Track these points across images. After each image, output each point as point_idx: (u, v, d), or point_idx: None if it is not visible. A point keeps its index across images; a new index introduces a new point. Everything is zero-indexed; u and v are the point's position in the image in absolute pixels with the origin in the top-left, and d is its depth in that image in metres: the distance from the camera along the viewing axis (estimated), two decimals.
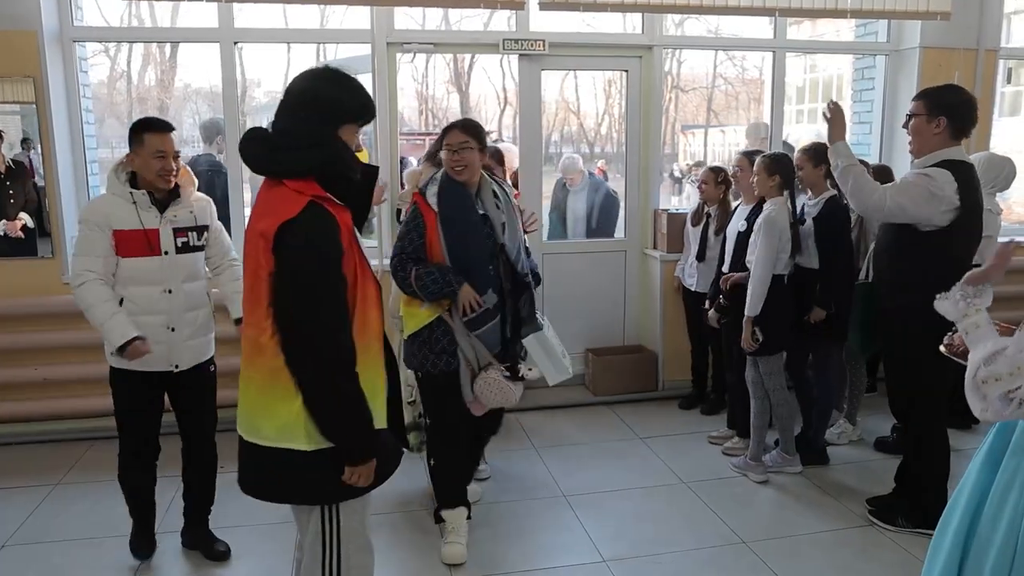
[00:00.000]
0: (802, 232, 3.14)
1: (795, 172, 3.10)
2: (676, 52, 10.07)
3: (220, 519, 2.67)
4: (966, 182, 2.50)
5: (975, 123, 2.59)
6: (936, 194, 2.47)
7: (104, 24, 5.17)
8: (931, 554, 1.58)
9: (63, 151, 3.64)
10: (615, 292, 4.39)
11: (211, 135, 4.20)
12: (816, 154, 3.18)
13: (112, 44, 10.81)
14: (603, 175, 11.21)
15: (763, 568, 2.53)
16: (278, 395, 1.53)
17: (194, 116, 11.17)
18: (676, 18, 5.65)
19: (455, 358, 2.48)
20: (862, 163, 3.34)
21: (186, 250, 2.39)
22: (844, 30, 5.18)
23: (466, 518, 2.67)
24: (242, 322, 1.67)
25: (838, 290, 3.12)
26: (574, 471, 3.29)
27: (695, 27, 6.31)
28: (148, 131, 2.31)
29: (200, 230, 2.45)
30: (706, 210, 3.80)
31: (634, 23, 4.32)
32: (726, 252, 3.37)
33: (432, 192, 2.45)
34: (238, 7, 3.73)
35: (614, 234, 4.70)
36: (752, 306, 3.04)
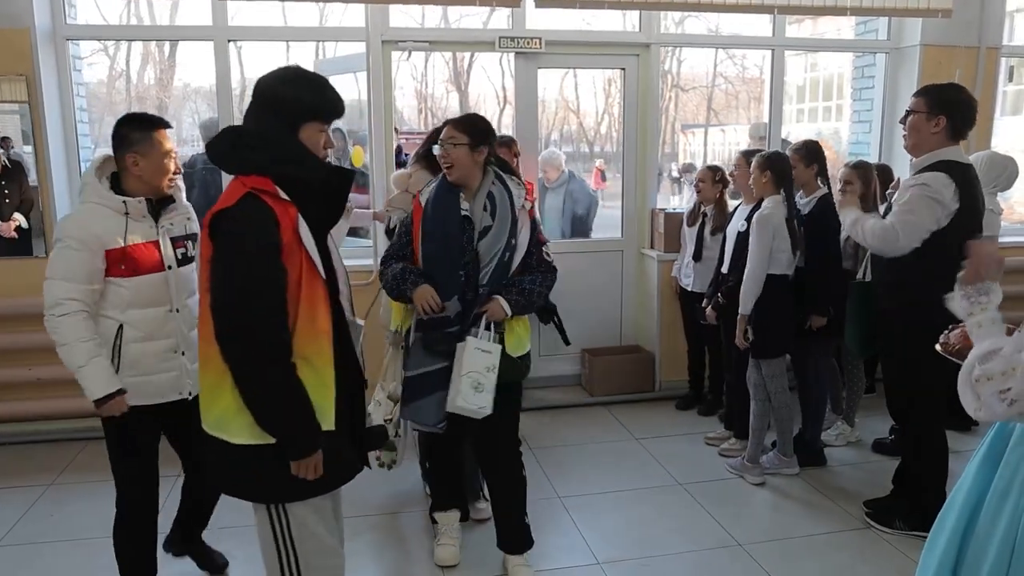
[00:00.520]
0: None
1: (789, 168, 3.08)
2: (676, 51, 10.05)
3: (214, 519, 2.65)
4: (964, 183, 2.48)
5: (974, 124, 2.56)
6: (937, 201, 2.45)
7: (103, 22, 5.14)
8: (925, 554, 1.56)
9: (56, 150, 3.63)
10: (612, 292, 4.36)
11: (211, 134, 4.16)
12: (808, 153, 3.16)
13: (111, 43, 10.82)
14: (601, 175, 11.18)
15: (758, 571, 2.51)
16: (213, 382, 1.55)
17: (193, 115, 11.17)
18: (676, 17, 5.61)
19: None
20: (862, 164, 3.35)
21: (185, 262, 2.13)
22: (845, 28, 5.14)
23: (459, 520, 2.63)
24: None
25: (835, 291, 3.10)
26: (569, 472, 3.27)
27: (695, 26, 6.29)
28: (158, 128, 2.06)
29: (194, 238, 2.19)
30: (702, 210, 3.78)
31: (634, 21, 4.30)
32: (726, 252, 3.35)
33: (427, 190, 2.37)
34: (235, 5, 3.71)
35: (590, 235, 4.63)
36: (744, 304, 3.03)
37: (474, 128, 2.29)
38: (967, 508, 1.46)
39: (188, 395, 2.12)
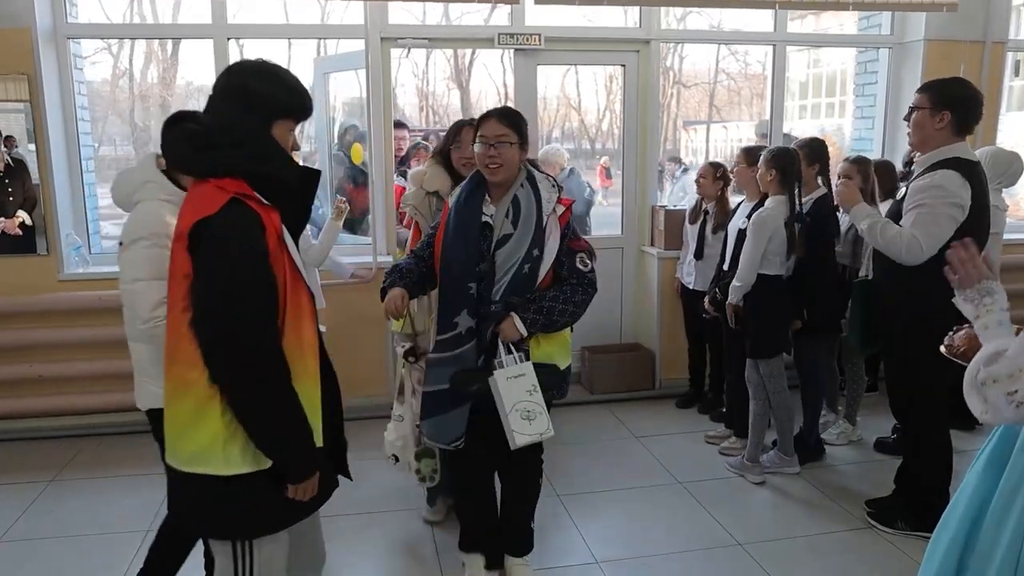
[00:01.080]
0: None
1: (798, 166, 3.05)
2: (678, 47, 10.01)
3: None
4: (974, 181, 2.45)
5: (979, 120, 2.52)
6: (956, 206, 2.40)
7: (106, 21, 5.16)
8: (928, 556, 1.54)
9: (57, 149, 3.64)
10: (612, 290, 4.35)
11: None
12: (811, 152, 3.14)
13: (114, 42, 10.84)
14: (606, 172, 11.14)
15: (758, 571, 2.49)
16: (192, 411, 1.41)
17: None
18: (678, 13, 5.58)
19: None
20: (862, 159, 3.32)
21: None
22: (848, 24, 5.11)
23: (484, 567, 2.40)
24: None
25: (830, 291, 3.08)
26: (569, 470, 3.26)
27: (698, 22, 6.26)
28: None
29: None
30: (704, 207, 3.75)
31: (635, 17, 4.28)
32: (727, 250, 3.33)
33: (456, 191, 2.19)
34: (236, 3, 3.71)
35: (589, 233, 4.60)
36: (732, 296, 3.08)
37: (521, 124, 2.10)
38: (971, 511, 1.44)
39: None
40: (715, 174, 3.68)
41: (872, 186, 3.25)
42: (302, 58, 7.87)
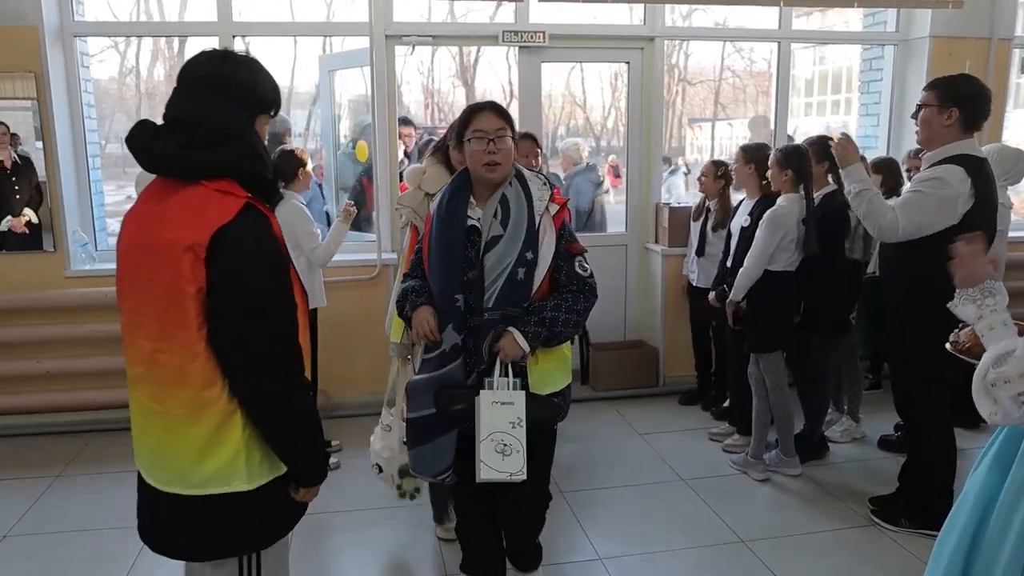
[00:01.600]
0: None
1: (810, 164, 3.04)
2: (683, 45, 9.98)
3: None
4: (979, 177, 2.44)
5: (988, 116, 2.51)
6: (948, 197, 2.40)
7: (113, 19, 5.17)
8: (933, 559, 1.53)
9: (64, 146, 3.66)
10: (616, 286, 4.35)
11: None
12: (820, 150, 3.13)
13: (121, 40, 10.88)
14: (613, 171, 11.08)
15: (760, 568, 2.50)
16: (210, 432, 1.34)
17: None
18: (684, 10, 5.56)
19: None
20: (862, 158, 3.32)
21: None
22: (853, 21, 5.08)
23: None
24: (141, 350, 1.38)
25: (838, 288, 3.08)
26: (572, 467, 3.27)
27: (703, 20, 6.23)
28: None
29: None
30: (707, 204, 3.76)
31: (640, 15, 4.27)
32: (731, 247, 3.33)
33: (439, 195, 1.99)
34: (242, 1, 3.72)
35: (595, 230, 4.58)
36: (735, 292, 3.08)
37: (510, 116, 1.91)
38: (977, 510, 1.43)
39: None
40: (717, 172, 3.68)
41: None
42: (308, 55, 7.88)
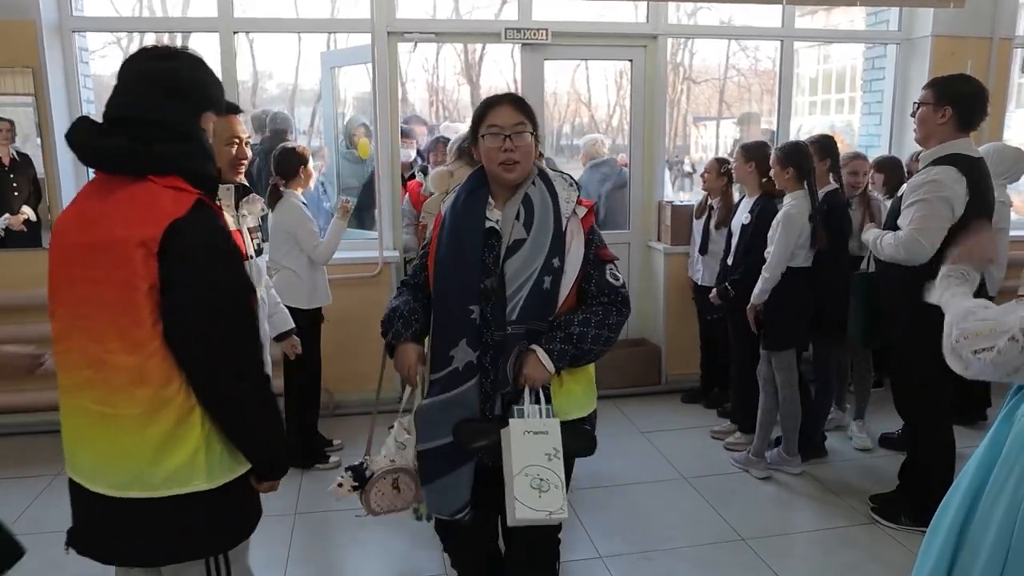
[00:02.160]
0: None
1: (811, 160, 3.03)
2: (688, 43, 9.95)
3: None
4: (974, 176, 2.44)
5: (984, 116, 2.52)
6: (947, 197, 2.41)
7: (115, 14, 5.17)
8: (922, 552, 1.53)
9: (63, 143, 3.61)
10: None
11: None
12: (821, 148, 3.13)
13: (124, 35, 10.85)
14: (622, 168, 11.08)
15: (761, 566, 2.49)
16: (167, 431, 1.31)
17: None
18: (688, 8, 5.54)
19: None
20: (861, 156, 3.34)
21: (259, 253, 2.15)
22: (857, 20, 5.08)
23: None
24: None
25: (842, 286, 3.06)
26: (573, 465, 3.25)
27: (708, 18, 6.21)
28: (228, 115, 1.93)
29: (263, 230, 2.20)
30: (709, 202, 3.75)
31: (644, 13, 4.26)
32: (732, 246, 3.32)
33: (451, 196, 1.81)
34: None
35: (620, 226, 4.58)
36: (756, 297, 3.03)
37: (530, 109, 1.72)
38: (967, 498, 1.43)
39: None
40: (719, 170, 3.67)
41: (865, 179, 3.37)
42: (312, 52, 7.85)
